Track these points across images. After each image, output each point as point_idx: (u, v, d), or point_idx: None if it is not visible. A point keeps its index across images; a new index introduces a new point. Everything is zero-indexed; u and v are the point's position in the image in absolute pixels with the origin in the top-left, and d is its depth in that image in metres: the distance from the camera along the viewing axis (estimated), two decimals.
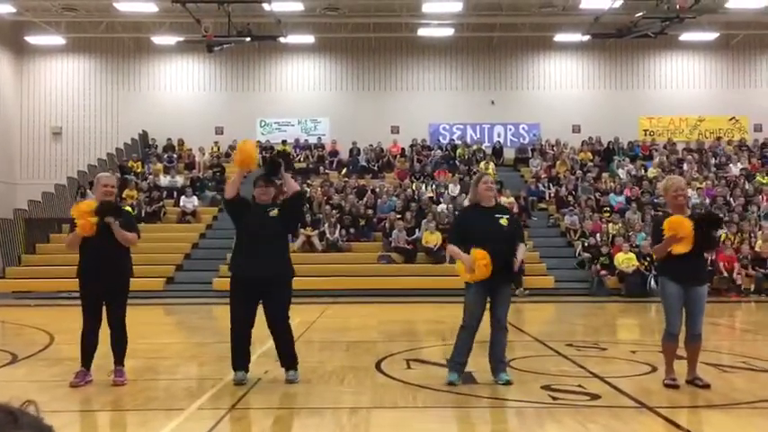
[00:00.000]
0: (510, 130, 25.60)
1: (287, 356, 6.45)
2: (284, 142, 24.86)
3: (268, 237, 6.35)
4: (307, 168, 23.44)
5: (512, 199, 19.05)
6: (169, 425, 4.97)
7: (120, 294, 6.44)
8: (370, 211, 20.26)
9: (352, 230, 19.37)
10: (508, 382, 6.20)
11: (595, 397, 5.84)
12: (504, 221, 6.23)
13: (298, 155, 24.35)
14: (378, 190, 21.32)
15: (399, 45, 25.22)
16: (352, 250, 18.78)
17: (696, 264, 6.09)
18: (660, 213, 6.80)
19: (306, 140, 25.13)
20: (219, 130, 25.04)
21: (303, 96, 25.52)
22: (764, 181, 21.74)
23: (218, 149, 24.53)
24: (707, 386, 6.07)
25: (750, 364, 7.47)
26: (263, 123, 25.50)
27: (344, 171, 23.38)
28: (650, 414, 5.31)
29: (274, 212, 6.47)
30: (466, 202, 20.78)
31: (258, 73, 25.74)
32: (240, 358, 6.38)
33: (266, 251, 6.29)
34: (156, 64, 25.57)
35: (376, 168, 23.57)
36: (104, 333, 6.47)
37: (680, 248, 5.94)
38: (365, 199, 20.87)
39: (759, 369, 7.22)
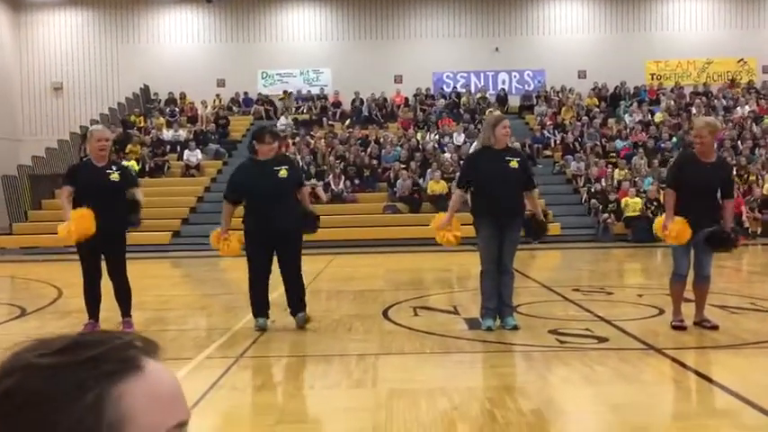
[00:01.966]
0: (515, 77, 25.25)
1: (298, 301, 6.53)
2: (288, 93, 24.64)
3: (279, 196, 6.34)
4: (310, 120, 23.25)
5: (517, 145, 18.86)
6: (178, 374, 4.99)
7: (118, 245, 6.40)
8: (374, 162, 20.15)
9: (356, 181, 19.30)
10: (515, 327, 6.21)
11: (603, 340, 5.85)
12: (514, 164, 6.20)
13: (300, 106, 24.13)
14: (382, 140, 21.16)
15: None
16: (357, 201, 18.74)
17: (709, 209, 6.02)
18: (687, 154, 6.70)
19: (308, 91, 24.87)
20: (221, 83, 24.78)
21: (305, 47, 25.15)
22: None
23: (221, 102, 24.32)
24: (715, 327, 6.07)
25: (757, 305, 7.47)
26: (264, 75, 25.21)
27: (348, 122, 23.18)
28: (657, 355, 5.32)
29: (283, 173, 6.39)
30: (473, 148, 20.63)
31: (259, 23, 25.33)
32: (261, 306, 6.48)
33: (279, 209, 6.31)
34: (156, 16, 25.18)
35: (380, 118, 23.36)
36: (109, 286, 6.49)
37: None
38: (369, 149, 20.73)
39: (766, 310, 7.22)
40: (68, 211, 6.14)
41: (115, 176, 6.37)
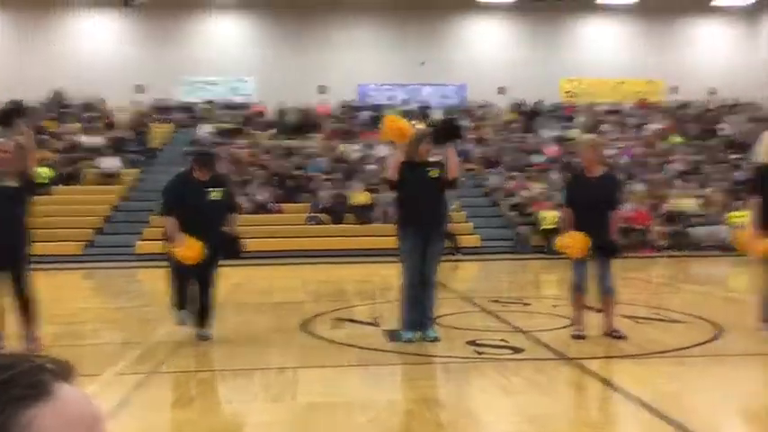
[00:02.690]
0: (437, 90, 25.65)
1: (205, 318, 6.50)
2: (210, 102, 24.25)
3: (208, 218, 6.40)
4: (232, 129, 22.92)
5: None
6: (86, 391, 4.82)
7: (20, 261, 6.12)
8: (298, 172, 20.05)
9: (279, 192, 19.15)
10: (436, 339, 6.28)
11: (519, 350, 5.99)
12: (434, 173, 6.32)
13: (223, 114, 23.79)
14: (306, 150, 21.07)
15: (328, 4, 24.74)
16: (280, 211, 18.58)
17: (599, 222, 6.31)
18: (575, 173, 7.04)
19: (231, 100, 24.54)
20: (141, 89, 24.15)
21: (228, 54, 24.83)
22: (678, 141, 22.58)
23: (140, 108, 23.69)
24: (623, 337, 6.32)
25: (663, 316, 7.81)
26: (186, 82, 24.72)
27: (272, 131, 22.99)
28: (569, 365, 5.49)
29: (216, 194, 6.47)
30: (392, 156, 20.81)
31: (181, 30, 24.86)
32: (183, 300, 6.48)
33: (204, 232, 6.26)
34: (70, 18, 24.34)
35: (304, 129, 23.25)
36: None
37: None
38: (293, 159, 20.61)
39: (670, 320, 7.56)
40: None
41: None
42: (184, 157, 17.24)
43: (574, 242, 6.25)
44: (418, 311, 6.33)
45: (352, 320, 7.82)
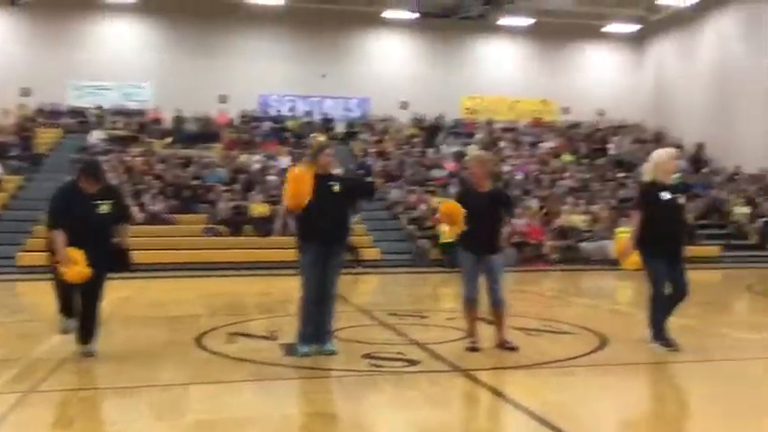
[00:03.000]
0: (340, 103, 25.72)
1: (87, 332, 6.21)
2: (100, 107, 23.29)
3: (95, 232, 6.12)
4: (126, 136, 22.10)
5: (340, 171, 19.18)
6: None
7: None
8: (195, 183, 19.54)
9: (175, 202, 18.58)
10: (333, 352, 6.22)
11: (414, 363, 6.03)
12: (336, 188, 6.25)
13: (116, 120, 22.90)
14: (204, 160, 20.59)
15: (229, 11, 24.34)
16: (175, 222, 18.03)
17: (489, 235, 6.49)
18: (462, 189, 7.23)
19: (125, 106, 23.66)
20: (26, 92, 22.91)
21: (123, 59, 23.93)
22: (570, 159, 23.59)
23: (25, 112, 22.46)
24: (515, 349, 6.48)
25: (553, 328, 8.08)
26: (76, 86, 23.63)
27: (168, 140, 22.33)
28: (462, 377, 5.56)
29: (104, 208, 6.16)
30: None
31: (72, 31, 23.76)
32: (71, 305, 6.20)
33: (91, 246, 6.00)
34: None
35: (203, 138, 22.72)
36: None
37: (451, 232, 6.51)
38: (191, 169, 20.09)
39: (561, 332, 7.82)
40: None
41: None
42: (72, 165, 16.46)
43: (452, 212, 6.50)
44: (316, 325, 6.25)
45: (247, 335, 7.64)
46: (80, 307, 6.19)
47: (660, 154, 6.76)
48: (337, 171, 6.57)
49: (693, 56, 25.40)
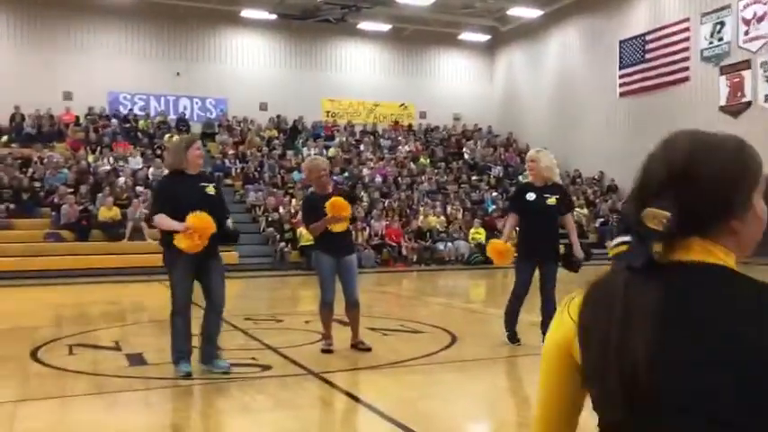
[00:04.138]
0: (197, 103, 24.97)
1: None
2: None
3: None
4: None
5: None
6: None
7: None
8: (36, 185, 18.24)
9: (12, 205, 17.25)
10: (226, 372, 5.58)
11: (267, 368, 5.93)
12: (210, 190, 5.74)
13: None
14: (46, 161, 19.28)
15: (76, 3, 22.92)
16: (13, 227, 16.73)
17: (345, 236, 6.55)
18: (309, 193, 7.17)
19: None
20: None
21: None
22: (426, 162, 24.26)
23: None
24: (368, 349, 6.54)
25: (409, 327, 8.24)
26: None
27: (5, 138, 20.71)
28: (315, 379, 5.54)
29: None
30: (154, 171, 19.65)
31: None
32: None
33: None
34: None
35: (44, 137, 21.25)
36: None
37: (339, 227, 6.38)
38: (30, 170, 18.74)
39: (416, 331, 8.00)
40: None
41: None
42: None
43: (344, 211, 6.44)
44: (191, 342, 5.76)
45: (90, 345, 7.21)
46: None
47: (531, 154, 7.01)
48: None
49: (539, 65, 26.92)
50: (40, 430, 4.29)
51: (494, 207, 21.21)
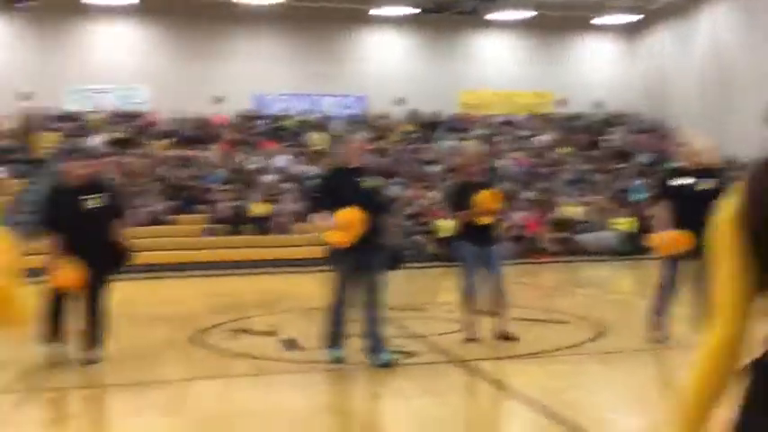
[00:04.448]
0: (337, 101, 25.75)
1: (91, 338, 5.95)
2: (98, 111, 23.33)
3: (87, 229, 5.85)
4: (125, 139, 22.14)
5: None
6: None
7: None
8: (194, 183, 19.60)
9: (175, 203, 18.64)
10: (387, 364, 5.55)
11: (412, 355, 6.08)
12: (368, 184, 5.79)
13: (114, 123, 22.94)
14: (202, 161, 20.65)
15: (224, 12, 24.37)
16: (175, 223, 18.08)
17: (489, 227, 6.56)
18: (457, 181, 7.17)
19: (123, 109, 23.70)
20: (26, 97, 22.92)
21: (119, 62, 23.95)
22: (567, 151, 23.63)
23: (24, 117, 22.50)
24: (514, 339, 6.52)
25: (552, 317, 8.14)
26: (74, 90, 23.67)
27: (166, 142, 22.37)
28: (459, 367, 5.62)
29: (95, 202, 5.90)
30: (300, 168, 20.42)
31: (69, 34, 23.80)
32: (56, 327, 5.92)
33: (85, 244, 5.79)
34: None
35: (201, 139, 22.76)
36: None
37: (485, 219, 6.42)
38: (189, 170, 20.15)
39: (560, 321, 7.89)
40: None
41: None
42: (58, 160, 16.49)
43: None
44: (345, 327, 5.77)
45: (248, 331, 7.71)
46: (81, 313, 5.92)
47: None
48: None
49: (689, 46, 25.41)
50: (209, 407, 4.67)
51: (641, 195, 20.32)
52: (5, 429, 4.21)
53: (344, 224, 5.41)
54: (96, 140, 21.34)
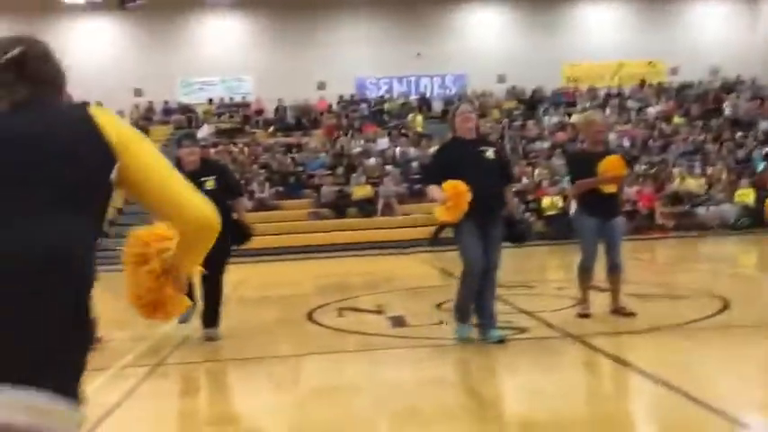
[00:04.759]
0: (437, 81, 25.57)
1: (212, 315, 6.15)
2: (210, 101, 24.24)
3: None
4: (232, 128, 22.90)
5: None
6: (91, 386, 4.79)
7: None
8: (299, 169, 20.02)
9: (280, 189, 19.11)
10: (501, 340, 5.34)
11: (523, 330, 5.93)
12: (489, 154, 5.51)
13: (221, 113, 23.77)
14: (306, 147, 21.06)
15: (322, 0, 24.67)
16: (281, 208, 18.55)
17: (613, 197, 6.25)
18: (577, 149, 6.89)
19: (230, 99, 24.51)
20: (139, 92, 24.13)
21: (225, 54, 24.76)
22: (681, 122, 22.45)
23: (139, 111, 23.70)
24: (631, 314, 6.23)
25: (670, 293, 7.75)
26: (184, 83, 24.69)
27: (271, 129, 22.95)
28: (574, 342, 5.42)
29: (210, 184, 6.07)
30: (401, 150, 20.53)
31: (177, 31, 24.81)
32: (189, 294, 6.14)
33: None
34: (66, 24, 24.30)
35: (304, 125, 23.22)
36: None
37: (609, 188, 6.13)
38: (293, 156, 20.60)
39: (680, 297, 7.49)
40: None
41: None
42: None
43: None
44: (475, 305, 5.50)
45: (356, 309, 7.77)
46: (203, 293, 6.16)
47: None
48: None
49: None
50: (324, 380, 4.73)
51: (764, 165, 19.05)
52: (138, 400, 4.41)
53: (453, 196, 5.27)
54: (205, 131, 22.18)
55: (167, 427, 4.10)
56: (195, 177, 5.99)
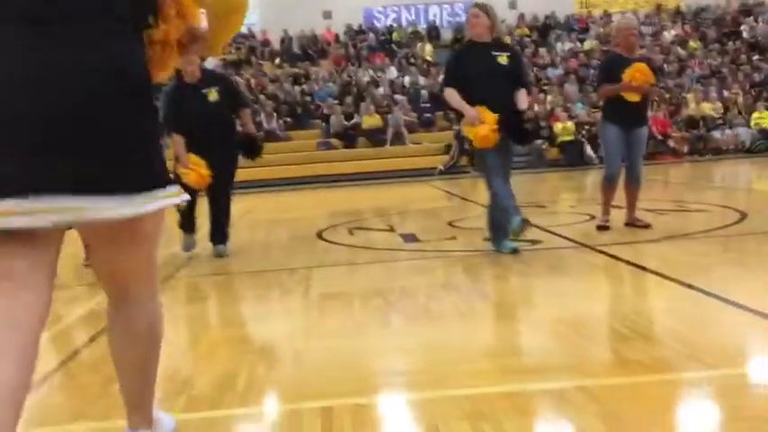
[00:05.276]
0: (445, 9, 24.90)
1: (221, 232, 6.06)
2: None
3: (209, 124, 5.79)
4: (238, 60, 22.48)
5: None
6: (96, 298, 4.75)
7: None
8: (307, 99, 19.72)
9: (289, 119, 18.87)
10: (515, 250, 5.27)
11: (536, 242, 5.83)
12: (503, 59, 5.28)
13: (228, 46, 23.32)
14: (314, 77, 20.69)
15: None
16: (290, 139, 18.35)
17: (639, 106, 6.03)
18: (611, 54, 6.62)
19: None
20: None
21: None
22: (696, 46, 21.85)
23: None
24: (647, 226, 6.11)
25: (684, 207, 7.61)
26: None
27: (278, 60, 22.54)
28: (590, 251, 5.32)
29: (213, 95, 5.82)
30: (410, 79, 20.20)
31: None
32: (192, 221, 6.08)
33: (210, 139, 5.79)
34: None
35: (311, 56, 22.78)
36: None
37: (634, 97, 5.90)
38: (301, 87, 20.26)
39: (693, 210, 7.36)
40: None
41: None
42: None
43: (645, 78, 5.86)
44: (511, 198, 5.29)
45: (367, 228, 7.70)
46: (211, 211, 6.01)
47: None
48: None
49: None
50: (334, 287, 4.68)
51: None
52: None
53: (484, 119, 5.03)
54: (211, 63, 21.78)
55: (178, 330, 4.06)
56: (197, 89, 5.84)
